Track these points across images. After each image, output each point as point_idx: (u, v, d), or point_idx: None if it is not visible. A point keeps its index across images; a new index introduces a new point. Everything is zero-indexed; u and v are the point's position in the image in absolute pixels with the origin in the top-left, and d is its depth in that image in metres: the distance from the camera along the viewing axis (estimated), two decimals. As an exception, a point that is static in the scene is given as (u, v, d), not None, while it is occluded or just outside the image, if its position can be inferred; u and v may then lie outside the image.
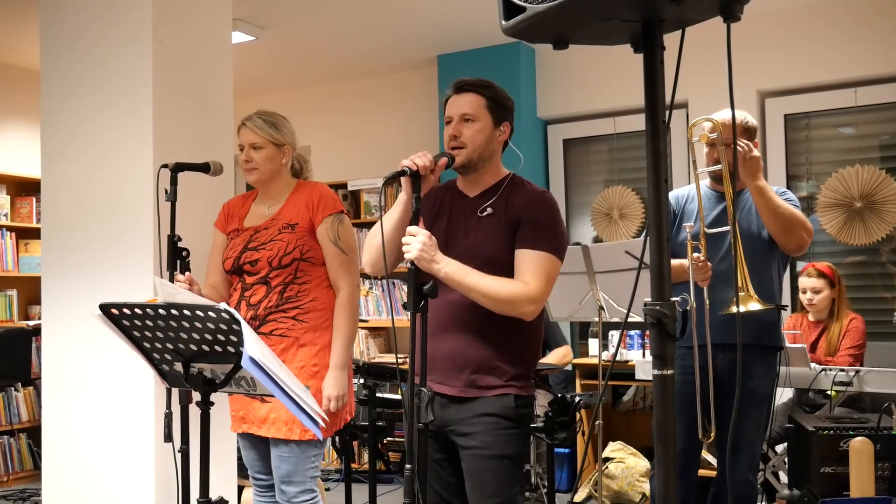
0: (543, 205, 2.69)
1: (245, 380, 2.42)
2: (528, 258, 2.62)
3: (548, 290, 2.63)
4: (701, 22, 1.69)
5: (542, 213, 2.67)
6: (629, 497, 5.30)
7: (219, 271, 3.38)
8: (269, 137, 3.29)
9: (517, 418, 2.64)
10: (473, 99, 2.70)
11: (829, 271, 4.92)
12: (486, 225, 2.68)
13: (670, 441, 1.69)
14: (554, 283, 2.66)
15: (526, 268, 2.61)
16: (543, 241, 2.63)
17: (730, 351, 3.46)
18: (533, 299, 2.58)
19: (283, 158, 3.34)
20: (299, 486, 3.19)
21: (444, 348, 2.65)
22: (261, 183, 3.34)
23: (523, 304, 2.57)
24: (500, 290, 2.56)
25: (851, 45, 5.66)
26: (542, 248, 2.62)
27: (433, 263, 2.50)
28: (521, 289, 2.57)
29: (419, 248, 2.46)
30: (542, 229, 2.64)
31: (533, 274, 2.59)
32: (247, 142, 3.29)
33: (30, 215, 6.87)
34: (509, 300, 2.56)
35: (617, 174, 6.59)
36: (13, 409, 6.42)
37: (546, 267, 2.62)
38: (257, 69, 7.01)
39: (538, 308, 2.63)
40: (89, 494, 3.98)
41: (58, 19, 4.20)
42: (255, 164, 3.29)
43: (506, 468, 2.62)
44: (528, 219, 2.65)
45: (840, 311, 4.88)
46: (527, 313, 2.60)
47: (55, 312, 4.16)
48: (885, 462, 3.47)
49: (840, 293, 4.91)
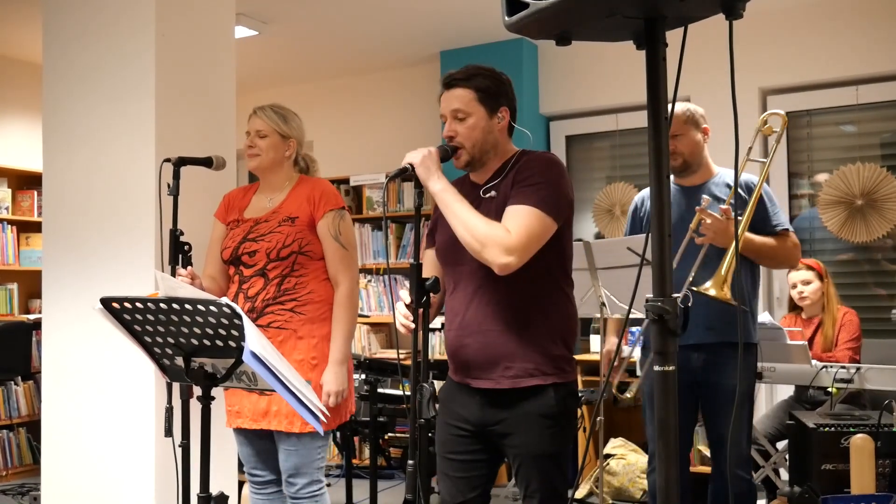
0: (537, 163, 2.60)
1: (246, 374, 2.43)
2: (514, 211, 2.50)
3: (528, 245, 2.46)
4: (703, 19, 1.68)
5: (537, 170, 2.57)
6: (630, 493, 5.31)
7: (217, 262, 3.39)
8: (275, 127, 3.32)
9: (558, 415, 2.59)
10: (463, 93, 2.64)
11: (816, 266, 4.95)
12: (488, 207, 2.60)
13: (672, 437, 1.69)
14: (538, 241, 2.49)
15: (510, 219, 2.49)
16: (532, 195, 2.51)
17: (704, 350, 3.46)
18: (510, 248, 2.42)
19: (287, 151, 3.35)
20: (307, 478, 3.21)
21: (476, 344, 2.62)
22: (260, 170, 3.35)
23: (497, 251, 2.43)
24: (478, 227, 2.46)
25: (853, 42, 5.65)
26: (531, 202, 2.49)
27: (430, 175, 2.50)
28: (500, 234, 2.44)
29: (423, 154, 2.49)
30: (532, 184, 2.53)
31: (516, 225, 2.47)
32: (253, 128, 3.34)
33: (31, 209, 6.88)
34: (483, 240, 2.44)
35: (619, 171, 6.58)
36: (13, 403, 6.42)
37: (529, 221, 2.48)
38: (260, 64, 7.01)
39: (513, 261, 2.44)
40: (89, 489, 3.98)
41: (60, 13, 4.20)
42: (257, 151, 3.32)
43: (549, 465, 2.61)
44: (520, 179, 2.56)
45: (830, 305, 4.89)
46: (499, 265, 2.44)
47: (56, 306, 4.17)
48: (886, 459, 3.46)
49: (828, 287, 4.92)
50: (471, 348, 2.63)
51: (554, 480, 2.62)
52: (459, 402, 2.70)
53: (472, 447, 2.69)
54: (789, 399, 5.06)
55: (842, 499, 3.35)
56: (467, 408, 2.68)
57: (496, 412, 2.63)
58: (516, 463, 2.65)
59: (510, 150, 2.73)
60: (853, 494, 3.35)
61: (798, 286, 4.95)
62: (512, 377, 2.59)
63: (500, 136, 2.69)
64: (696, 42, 2.30)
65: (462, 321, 2.66)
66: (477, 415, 2.66)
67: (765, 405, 5.70)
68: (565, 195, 2.59)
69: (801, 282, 4.94)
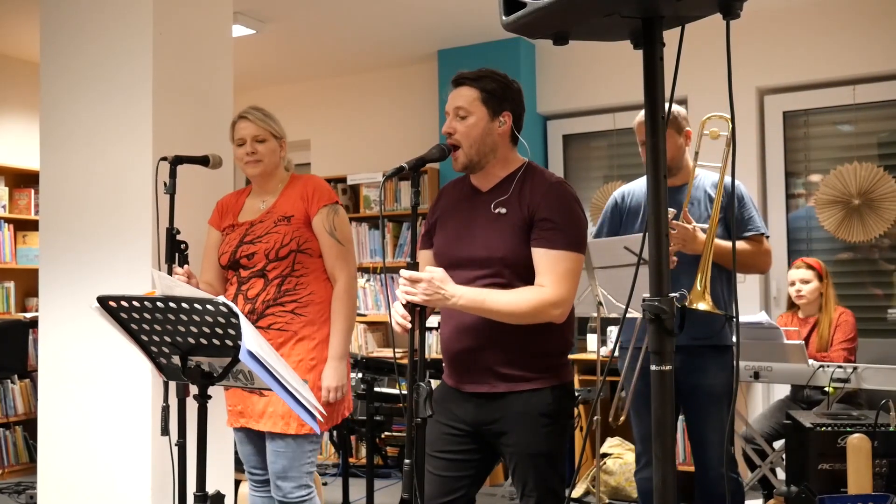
0: (559, 198, 2.59)
1: (243, 373, 2.42)
2: (547, 259, 2.54)
3: (572, 289, 2.54)
4: (701, 19, 1.69)
5: (557, 208, 2.57)
6: (627, 493, 5.31)
7: (214, 268, 3.38)
8: (270, 129, 3.30)
9: (553, 414, 2.60)
10: (468, 92, 2.64)
11: (817, 265, 4.95)
12: (500, 226, 2.60)
13: (668, 437, 1.70)
14: (576, 279, 2.56)
15: (545, 269, 2.53)
16: (561, 238, 2.54)
17: (682, 352, 3.45)
18: (557, 303, 2.50)
19: (282, 151, 3.35)
20: (295, 482, 3.18)
21: (472, 347, 2.62)
22: (264, 175, 3.33)
23: (549, 310, 2.50)
24: (521, 305, 2.49)
25: (850, 42, 5.66)
26: (560, 246, 2.53)
27: (445, 301, 2.45)
28: (542, 296, 2.50)
29: (422, 297, 2.42)
30: (559, 226, 2.54)
31: (552, 275, 2.51)
32: (249, 135, 3.28)
33: (28, 207, 6.87)
34: (533, 311, 2.50)
35: (616, 170, 6.59)
36: (9, 401, 6.41)
37: (566, 266, 2.53)
38: (258, 63, 7.01)
39: (566, 310, 2.55)
40: (85, 488, 3.98)
41: (58, 11, 4.19)
42: (259, 157, 3.28)
43: (545, 465, 2.62)
44: (544, 216, 2.55)
45: (828, 306, 4.89)
46: (556, 317, 2.53)
47: (53, 305, 4.16)
48: (883, 458, 3.47)
49: (828, 287, 4.92)
50: (467, 351, 2.63)
51: (550, 480, 2.62)
52: (454, 403, 2.70)
53: (465, 446, 2.69)
54: (786, 398, 5.06)
55: (838, 498, 3.35)
56: (462, 409, 2.68)
57: (492, 412, 2.63)
58: (512, 462, 2.65)
59: (515, 160, 2.72)
60: (850, 494, 3.35)
61: (796, 284, 4.95)
62: (508, 381, 2.59)
63: (501, 141, 2.67)
64: (693, 42, 2.30)
65: (458, 324, 2.66)
66: (472, 415, 2.66)
67: (761, 405, 5.71)
68: (585, 226, 2.64)
69: (800, 280, 4.94)
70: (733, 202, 1.94)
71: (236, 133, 3.32)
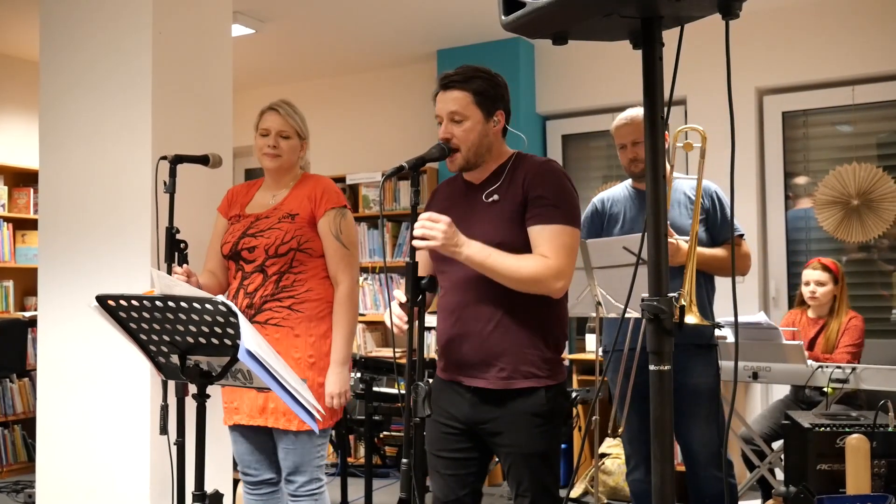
0: (549, 176, 2.62)
1: (242, 372, 2.42)
2: (544, 234, 2.55)
3: (571, 263, 2.56)
4: (700, 19, 1.69)
5: (549, 185, 2.59)
6: (625, 493, 5.31)
7: (217, 257, 3.38)
8: (296, 127, 3.32)
9: (549, 414, 2.61)
10: (460, 96, 2.63)
11: (834, 267, 4.92)
12: (492, 212, 2.62)
13: (667, 437, 1.70)
14: (576, 255, 2.59)
15: (544, 243, 2.54)
16: (555, 213, 2.56)
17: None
18: (558, 274, 2.52)
19: (302, 151, 3.36)
20: (307, 476, 3.20)
21: (469, 344, 2.63)
22: (280, 171, 3.33)
23: (550, 280, 2.51)
24: (523, 269, 2.50)
25: (850, 42, 5.66)
26: (557, 220, 2.55)
27: (455, 247, 2.47)
28: (544, 264, 2.51)
29: (442, 237, 2.43)
30: (552, 201, 2.56)
31: (552, 248, 2.53)
32: (274, 127, 3.29)
33: (27, 206, 6.87)
34: (534, 278, 2.50)
35: (615, 170, 6.58)
36: (8, 400, 6.42)
37: (564, 239, 2.55)
38: (257, 62, 7.01)
39: (566, 283, 2.56)
40: (84, 487, 3.98)
41: (58, 10, 4.19)
42: (279, 152, 3.29)
43: (540, 464, 2.62)
44: (538, 193, 2.58)
45: (840, 309, 4.88)
46: (555, 290, 2.54)
47: (52, 304, 4.16)
48: (882, 459, 3.47)
49: (842, 290, 4.91)
50: (464, 348, 2.64)
51: (545, 479, 2.63)
52: (449, 399, 2.71)
53: (462, 445, 2.70)
54: (785, 399, 5.06)
55: (837, 499, 3.35)
56: (457, 406, 2.69)
57: (487, 410, 2.63)
58: (507, 462, 2.65)
59: (505, 152, 2.75)
60: (849, 495, 3.35)
61: (811, 285, 4.93)
62: (505, 378, 2.59)
63: (495, 139, 2.70)
64: (692, 42, 2.30)
65: (456, 321, 2.66)
66: (467, 413, 2.66)
67: (760, 405, 5.71)
68: (577, 201, 2.66)
69: (815, 282, 4.92)
70: (732, 208, 1.93)
71: (262, 123, 3.32)
